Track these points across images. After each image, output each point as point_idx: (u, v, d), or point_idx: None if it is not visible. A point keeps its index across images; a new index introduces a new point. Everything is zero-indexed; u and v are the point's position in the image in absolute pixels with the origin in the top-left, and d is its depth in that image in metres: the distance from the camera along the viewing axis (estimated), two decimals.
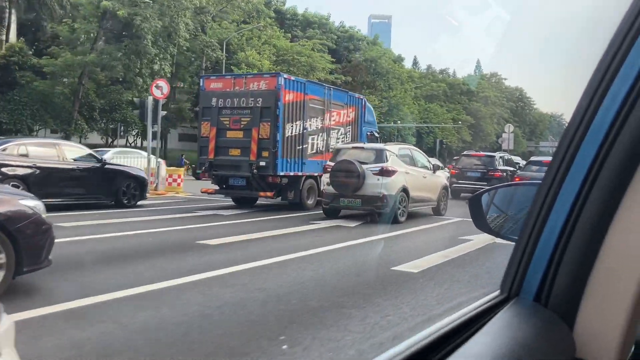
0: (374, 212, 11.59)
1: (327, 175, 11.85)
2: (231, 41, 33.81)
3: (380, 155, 11.77)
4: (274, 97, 13.47)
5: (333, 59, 43.94)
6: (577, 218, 0.93)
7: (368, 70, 49.74)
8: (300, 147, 14.34)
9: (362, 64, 49.23)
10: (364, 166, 11.38)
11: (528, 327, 0.94)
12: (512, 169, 21.98)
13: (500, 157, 22.19)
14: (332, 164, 11.93)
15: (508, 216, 1.45)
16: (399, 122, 50.34)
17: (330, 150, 15.57)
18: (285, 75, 14.12)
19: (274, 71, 25.17)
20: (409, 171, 12.14)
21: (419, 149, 14.98)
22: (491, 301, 1.01)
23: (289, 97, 13.81)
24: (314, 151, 14.92)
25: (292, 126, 13.98)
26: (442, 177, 14.09)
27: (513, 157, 41.54)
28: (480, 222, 1.46)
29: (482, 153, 24.28)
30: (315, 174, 14.91)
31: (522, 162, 35.98)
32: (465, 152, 26.13)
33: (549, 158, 22.89)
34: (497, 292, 1.04)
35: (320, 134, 15.17)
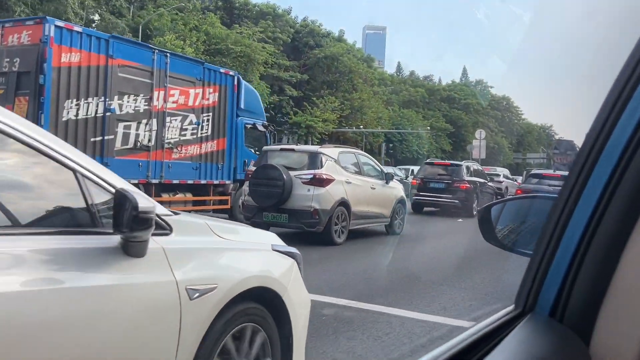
0: (304, 231, 9.32)
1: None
2: (150, 26, 28.71)
3: (314, 160, 9.54)
4: (35, 55, 8.36)
5: (276, 50, 38.48)
6: (593, 233, 0.93)
7: (329, 69, 44.54)
8: (99, 138, 9.24)
9: (322, 61, 44.12)
10: (292, 173, 9.33)
11: (544, 343, 0.94)
12: (482, 180, 18.59)
13: (468, 166, 18.63)
14: (254, 169, 9.88)
15: (519, 230, 1.43)
16: (361, 126, 45.02)
17: (167, 146, 10.54)
18: (61, 22, 8.96)
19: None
20: (351, 180, 9.92)
21: (367, 154, 12.02)
22: (506, 316, 1.02)
23: (69, 57, 8.70)
24: (130, 146, 9.80)
25: (77, 105, 8.86)
26: (397, 188, 11.66)
27: (498, 169, 37.34)
28: (490, 235, 1.45)
29: (447, 162, 20.19)
30: (136, 181, 9.80)
31: (504, 174, 31.50)
32: (428, 160, 22.32)
33: (549, 171, 19.90)
34: (512, 307, 1.04)
35: (145, 121, 10.05)
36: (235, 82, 12.20)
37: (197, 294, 2.12)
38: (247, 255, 2.61)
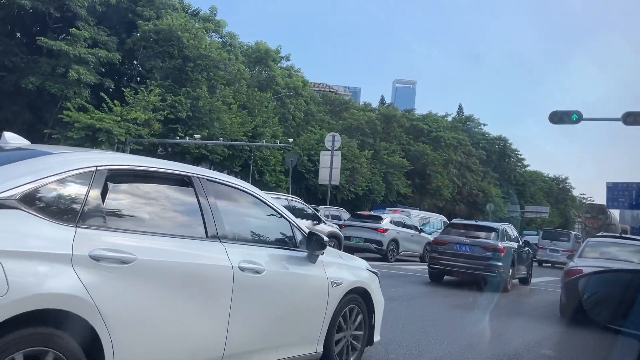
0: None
1: None
2: None
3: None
4: None
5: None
6: None
7: (168, 51, 30.59)
8: None
9: (152, 38, 30.33)
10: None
11: None
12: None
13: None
14: None
15: (612, 305, 1.37)
16: (197, 136, 29.62)
17: None
18: None
19: None
20: None
21: None
22: None
23: None
24: None
25: None
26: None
27: (414, 212, 24.50)
28: (579, 309, 1.39)
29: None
30: None
31: (393, 220, 19.33)
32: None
33: (471, 221, 16.81)
34: None
35: None
36: None
37: (335, 285, 4.37)
38: (355, 269, 4.84)
